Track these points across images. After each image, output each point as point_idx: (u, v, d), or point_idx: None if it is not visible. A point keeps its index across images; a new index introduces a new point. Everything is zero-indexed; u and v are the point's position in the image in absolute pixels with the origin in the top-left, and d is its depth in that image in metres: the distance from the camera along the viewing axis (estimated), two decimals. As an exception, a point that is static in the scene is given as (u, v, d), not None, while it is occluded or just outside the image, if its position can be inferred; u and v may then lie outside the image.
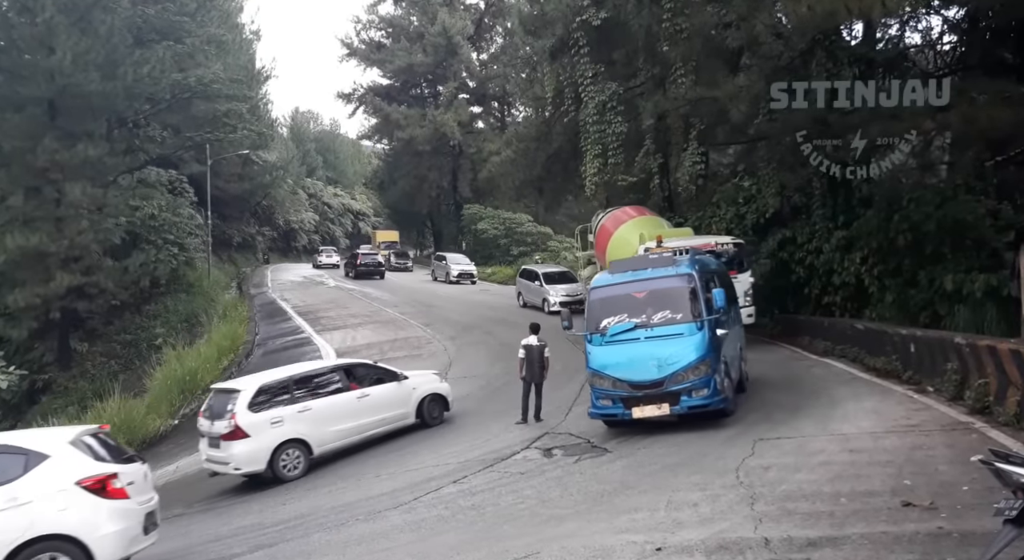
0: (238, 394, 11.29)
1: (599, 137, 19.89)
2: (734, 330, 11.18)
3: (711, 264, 11.83)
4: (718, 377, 9.50)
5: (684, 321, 9.62)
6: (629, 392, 9.60)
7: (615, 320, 9.86)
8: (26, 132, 24.56)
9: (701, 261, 11.14)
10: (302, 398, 11.48)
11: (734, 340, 10.99)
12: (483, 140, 52.03)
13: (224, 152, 40.09)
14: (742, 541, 5.37)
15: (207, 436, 11.56)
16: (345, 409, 11.69)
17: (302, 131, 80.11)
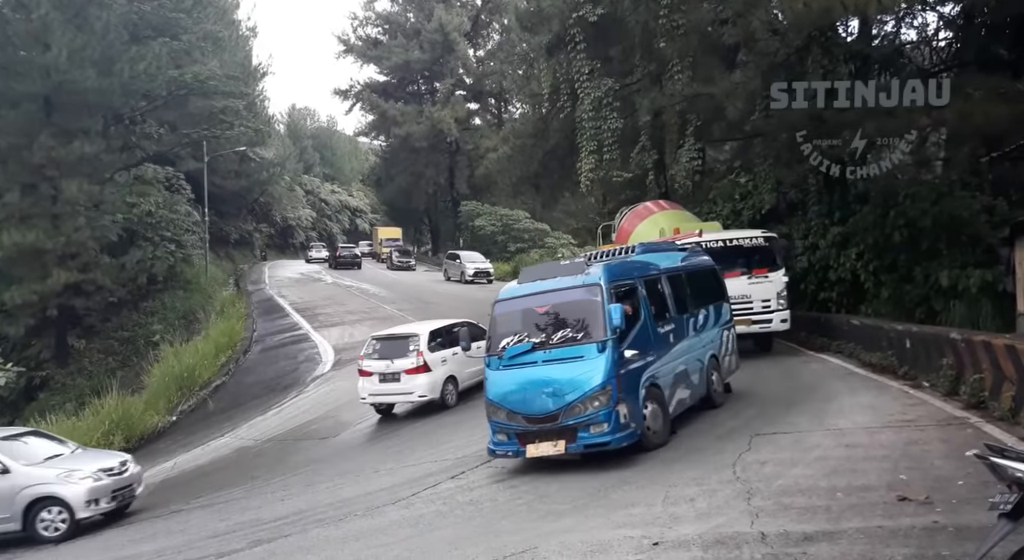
0: (417, 337, 13.80)
1: (595, 133, 19.89)
2: (690, 342, 9.65)
3: (657, 267, 9.74)
4: (623, 409, 7.98)
5: (586, 341, 8.14)
6: (524, 426, 8.28)
7: (514, 340, 8.47)
8: (22, 129, 24.51)
9: (628, 267, 9.35)
10: (448, 345, 13.79)
11: (682, 354, 9.37)
12: (480, 137, 52.02)
13: (221, 149, 40.02)
14: (739, 536, 5.40)
15: (381, 374, 13.67)
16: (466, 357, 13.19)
17: (299, 128, 79.97)
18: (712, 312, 10.66)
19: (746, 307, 13.43)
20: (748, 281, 13.63)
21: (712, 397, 10.09)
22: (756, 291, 13.68)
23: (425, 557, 6.15)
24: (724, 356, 10.77)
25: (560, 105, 23.07)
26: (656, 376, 8.65)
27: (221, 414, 19.81)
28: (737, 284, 13.14)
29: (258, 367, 24.02)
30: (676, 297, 9.61)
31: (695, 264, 11.09)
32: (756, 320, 13.64)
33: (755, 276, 13.74)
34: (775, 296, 13.74)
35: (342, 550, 6.93)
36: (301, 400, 18.90)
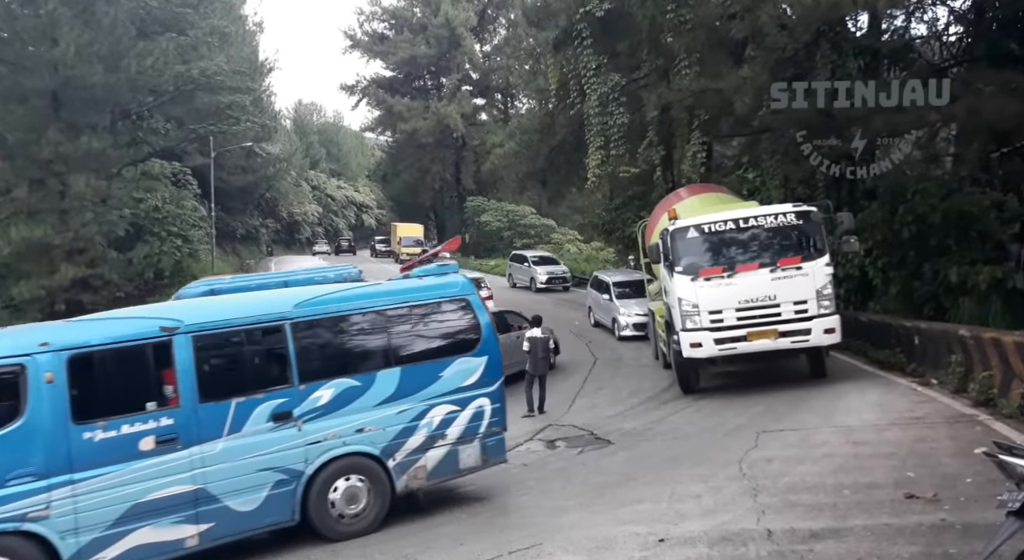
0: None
1: (602, 129, 19.82)
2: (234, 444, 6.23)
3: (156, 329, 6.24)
4: None
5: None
6: None
7: None
8: (30, 124, 24.57)
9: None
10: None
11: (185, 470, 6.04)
12: (486, 132, 51.93)
13: (228, 144, 40.08)
14: (745, 533, 5.38)
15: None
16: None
17: (305, 123, 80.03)
18: (369, 384, 6.83)
19: (770, 313, 10.43)
20: (772, 276, 10.50)
21: (321, 525, 6.63)
22: (784, 289, 10.45)
23: (431, 552, 6.15)
24: (422, 449, 7.01)
25: (567, 101, 23.00)
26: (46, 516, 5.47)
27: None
28: (755, 281, 10.55)
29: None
30: (208, 372, 6.32)
31: (330, 307, 6.92)
32: (785, 331, 10.33)
33: (782, 268, 10.53)
34: (815, 296, 10.39)
35: (348, 545, 6.93)
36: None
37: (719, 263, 10.89)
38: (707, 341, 10.61)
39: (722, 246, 11.06)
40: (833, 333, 10.53)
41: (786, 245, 10.93)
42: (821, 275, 10.61)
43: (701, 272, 10.82)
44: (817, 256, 10.71)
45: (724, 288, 10.70)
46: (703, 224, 11.12)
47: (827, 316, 10.51)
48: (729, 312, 10.63)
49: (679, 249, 11.12)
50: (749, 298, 10.58)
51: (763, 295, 10.57)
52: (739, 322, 10.59)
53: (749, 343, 10.50)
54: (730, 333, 10.58)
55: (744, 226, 11.05)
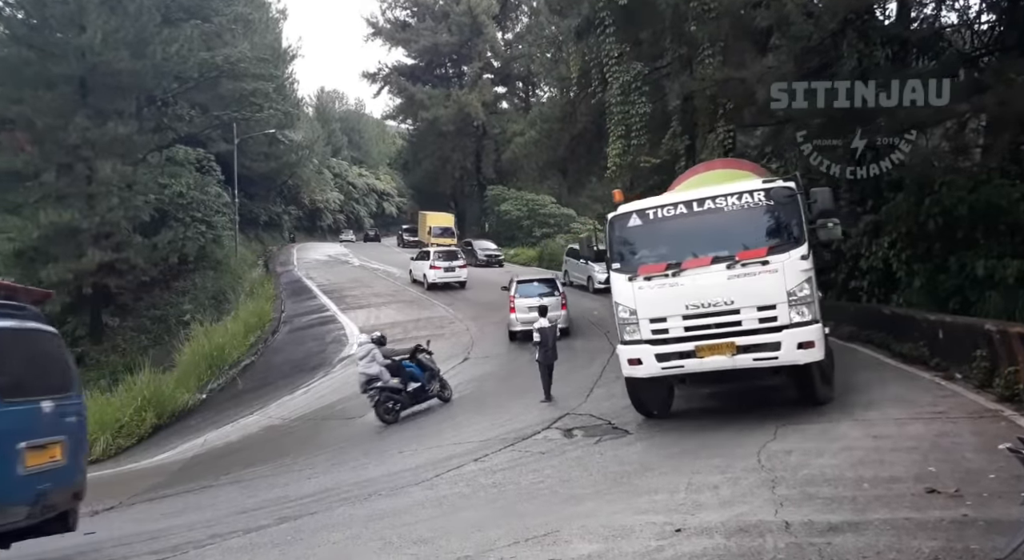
0: None
1: (623, 118, 19.69)
2: None
3: None
4: None
5: None
6: None
7: None
8: (58, 110, 24.96)
9: None
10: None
11: None
12: (507, 121, 51.85)
13: (251, 131, 40.42)
14: (762, 524, 5.37)
15: None
16: None
17: (327, 111, 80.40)
18: None
19: (725, 322, 8.30)
20: (729, 274, 8.29)
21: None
22: (745, 291, 8.22)
23: (448, 537, 6.21)
24: None
25: (588, 89, 22.85)
26: None
27: (250, 393, 20.17)
28: (707, 280, 8.36)
29: (286, 347, 24.39)
30: None
31: None
32: (746, 346, 8.20)
33: (741, 264, 8.25)
34: (786, 299, 8.09)
35: (366, 528, 7.02)
36: (328, 380, 19.17)
37: (664, 258, 8.70)
38: (647, 357, 8.50)
39: (671, 236, 8.85)
40: (811, 348, 8.04)
41: (751, 233, 8.47)
42: (794, 272, 8.12)
43: (640, 270, 8.68)
44: (789, 247, 8.22)
45: (668, 290, 8.49)
46: (647, 209, 8.90)
47: (803, 326, 8.07)
48: (675, 320, 8.44)
49: (617, 241, 9.08)
50: (699, 302, 8.34)
51: (717, 298, 8.30)
52: (686, 333, 8.40)
53: (700, 360, 8.29)
54: (675, 347, 8.42)
55: (699, 210, 8.63)
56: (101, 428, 18.57)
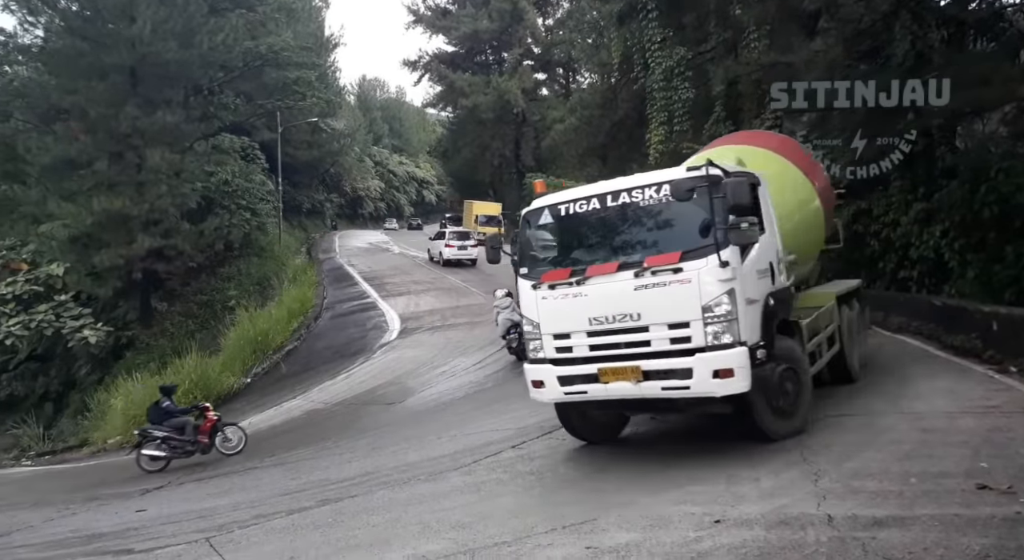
0: None
1: (666, 104, 19.48)
2: None
3: None
4: None
5: None
6: None
7: None
8: (110, 99, 25.61)
9: None
10: None
11: None
12: (547, 107, 51.55)
13: (294, 120, 40.98)
14: (804, 517, 5.28)
15: None
16: None
17: (369, 99, 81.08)
18: None
19: (631, 341, 6.92)
20: (636, 283, 6.85)
21: None
22: (653, 304, 6.78)
23: (486, 523, 6.25)
24: None
25: (630, 75, 22.64)
26: None
27: (293, 377, 20.57)
28: (611, 290, 6.97)
29: (328, 333, 24.79)
30: None
31: None
32: (652, 371, 6.81)
33: (650, 271, 6.79)
34: (699, 315, 6.63)
35: (406, 512, 7.12)
36: (369, 366, 19.44)
37: (572, 262, 7.43)
38: (550, 379, 7.33)
39: (581, 237, 7.61)
40: (729, 378, 6.54)
41: (667, 234, 7.01)
42: (711, 283, 6.61)
43: (544, 277, 7.40)
44: (707, 251, 6.65)
45: (571, 301, 7.18)
46: (559, 204, 7.59)
47: (720, 349, 6.58)
48: (579, 337, 7.17)
49: (525, 241, 7.85)
50: (604, 316, 6.99)
51: (622, 311, 6.90)
52: (591, 353, 7.13)
53: (604, 386, 7.01)
54: (579, 369, 7.17)
55: (612, 205, 7.22)
56: (151, 409, 19.16)
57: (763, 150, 9.79)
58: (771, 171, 8.97)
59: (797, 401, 7.45)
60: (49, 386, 28.35)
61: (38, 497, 12.57)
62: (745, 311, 6.70)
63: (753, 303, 6.88)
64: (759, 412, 7.16)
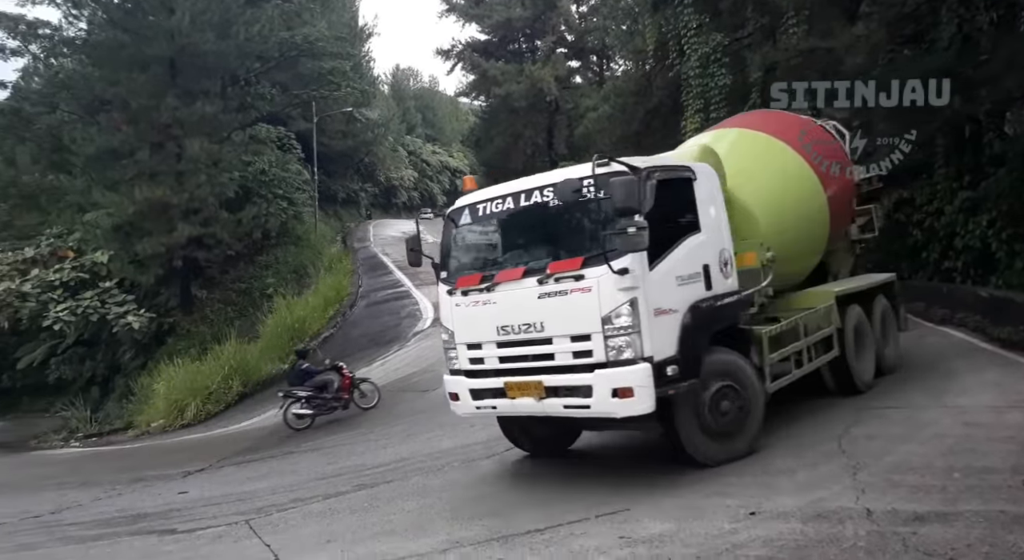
0: None
1: (702, 91, 19.16)
2: None
3: None
4: None
5: None
6: None
7: None
8: (151, 90, 26.06)
9: None
10: None
11: None
12: (580, 95, 51.13)
13: (329, 109, 41.30)
14: (842, 510, 5.21)
15: None
16: None
17: (402, 89, 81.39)
18: None
19: (535, 353, 6.52)
20: (539, 290, 6.40)
21: None
22: (556, 313, 6.33)
23: (519, 510, 6.29)
24: None
25: (665, 62, 22.32)
26: None
27: (328, 364, 20.84)
28: (517, 297, 6.55)
29: (363, 321, 25.08)
30: None
31: None
32: (555, 386, 6.41)
33: (554, 277, 6.32)
34: (599, 327, 6.09)
35: (440, 498, 7.20)
36: (403, 354, 19.62)
37: (485, 266, 7.12)
38: (464, 392, 7.06)
39: (495, 238, 7.27)
40: (629, 398, 6.00)
41: (574, 237, 6.48)
42: (611, 291, 6.04)
43: (458, 282, 7.09)
44: (610, 257, 6.03)
45: (482, 308, 6.78)
46: (479, 202, 7.10)
47: (621, 366, 6.04)
48: (489, 347, 6.79)
49: (446, 243, 7.43)
50: (510, 325, 6.59)
51: (527, 321, 6.48)
52: (500, 365, 6.76)
53: (512, 401, 6.67)
54: (489, 382, 6.83)
55: (525, 205, 6.64)
56: (192, 394, 19.62)
57: (760, 134, 9.28)
58: (758, 156, 8.79)
59: (740, 421, 6.76)
60: (95, 370, 29.19)
61: (86, 477, 12.98)
62: (652, 323, 6.09)
63: (667, 314, 6.25)
64: (686, 434, 6.58)
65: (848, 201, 9.93)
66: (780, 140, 9.08)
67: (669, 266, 6.43)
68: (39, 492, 11.71)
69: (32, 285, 25.41)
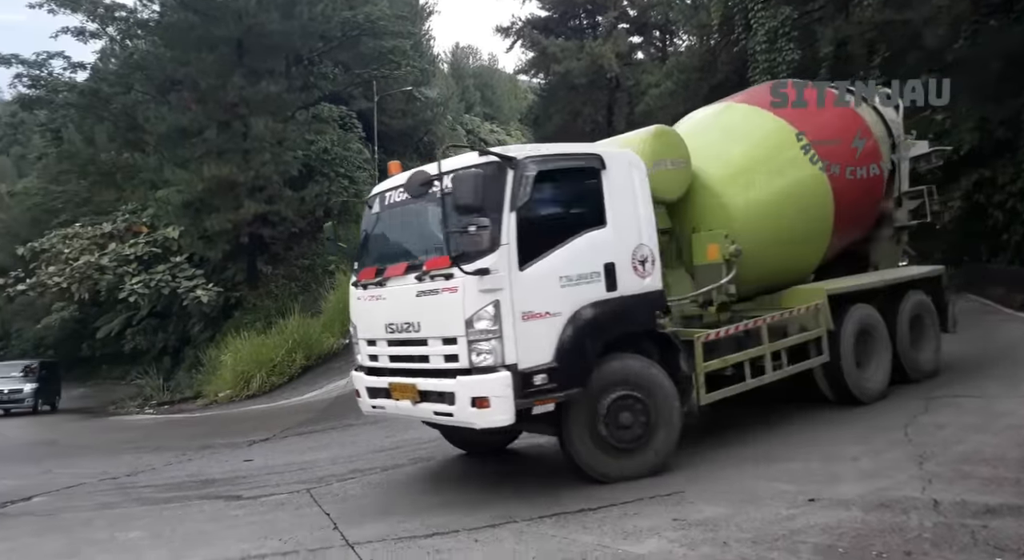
0: None
1: (768, 67, 18.51)
2: None
3: None
4: None
5: None
6: None
7: None
8: (218, 70, 26.75)
9: None
10: None
11: None
12: (641, 72, 50.08)
13: (389, 89, 41.60)
14: (907, 500, 5.05)
15: None
16: None
17: (462, 67, 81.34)
18: None
19: (414, 354, 6.28)
20: (417, 288, 6.14)
21: None
22: (430, 313, 6.07)
23: (574, 488, 6.31)
24: None
25: (731, 37, 21.66)
26: None
27: (386, 340, 21.22)
28: (401, 293, 6.34)
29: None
30: None
31: None
32: (427, 391, 6.13)
33: (430, 275, 6.02)
34: (463, 331, 5.72)
35: (496, 474, 7.28)
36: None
37: (383, 259, 6.77)
38: (363, 389, 6.97)
39: (392, 229, 6.93)
40: (485, 408, 5.63)
41: (454, 232, 5.81)
42: (473, 293, 5.67)
43: (360, 274, 6.91)
44: (477, 256, 5.69)
45: (375, 303, 6.64)
46: (387, 190, 6.84)
47: (480, 373, 5.68)
48: (382, 345, 6.64)
49: (362, 232, 7.28)
50: (394, 322, 6.39)
51: (407, 320, 6.25)
52: (390, 364, 6.60)
53: (395, 403, 6.49)
54: (380, 380, 6.68)
55: (416, 195, 6.19)
56: (257, 366, 20.32)
57: (756, 110, 8.49)
58: (747, 136, 8.11)
59: (645, 436, 6.21)
60: (167, 341, 30.50)
61: (159, 443, 13.62)
62: (519, 328, 5.65)
63: (541, 318, 5.76)
64: (576, 447, 6.14)
65: (869, 186, 8.70)
66: (780, 117, 8.23)
67: (550, 266, 5.90)
68: (117, 455, 12.35)
69: (109, 259, 26.55)
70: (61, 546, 6.40)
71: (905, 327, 8.51)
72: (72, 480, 9.92)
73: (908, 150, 9.42)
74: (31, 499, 8.77)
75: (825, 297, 7.66)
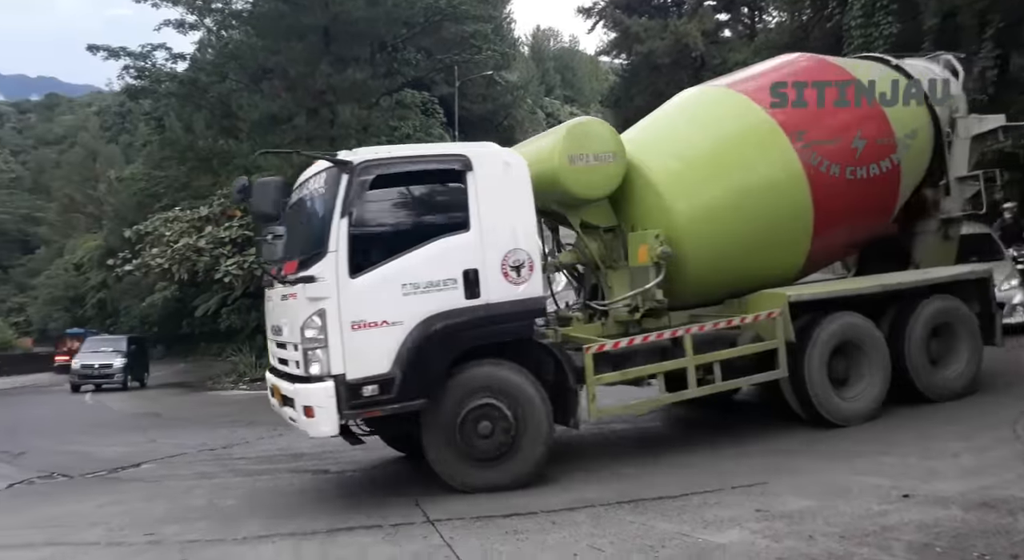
0: None
1: (865, 42, 17.57)
2: None
3: None
4: None
5: None
6: None
7: None
8: (307, 59, 27.58)
9: None
10: None
11: None
12: (728, 50, 48.34)
13: (470, 73, 41.86)
14: (1012, 501, 4.75)
15: None
16: None
17: (542, 50, 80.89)
18: None
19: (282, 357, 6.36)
20: (283, 291, 6.11)
21: None
22: (289, 317, 6.06)
23: (652, 474, 6.27)
24: None
25: (824, 11, 20.69)
26: None
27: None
28: (276, 297, 6.45)
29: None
30: None
31: None
32: (286, 396, 6.15)
33: (288, 278, 5.95)
34: (299, 337, 5.69)
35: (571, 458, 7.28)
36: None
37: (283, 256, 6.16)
38: (269, 387, 6.92)
39: (291, 228, 6.20)
40: (311, 419, 5.64)
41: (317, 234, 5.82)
42: (303, 299, 5.67)
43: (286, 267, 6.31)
44: (313, 261, 5.69)
45: (268, 302, 6.80)
46: (299, 183, 6.71)
47: (312, 381, 5.65)
48: (272, 344, 6.81)
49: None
50: (273, 323, 6.58)
51: (276, 322, 6.45)
52: (276, 363, 6.63)
53: (275, 403, 6.59)
54: (270, 378, 6.77)
55: (299, 194, 6.42)
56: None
57: (737, 95, 7.60)
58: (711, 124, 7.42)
59: (510, 446, 6.00)
60: (260, 320, 31.89)
61: (252, 417, 14.28)
62: (348, 337, 5.54)
63: (375, 327, 5.60)
64: (433, 455, 5.99)
65: (874, 182, 7.49)
66: (760, 106, 7.29)
67: (389, 273, 5.73)
68: (214, 428, 13.07)
69: (206, 241, 27.89)
70: (166, 511, 6.84)
71: (919, 340, 7.31)
72: (174, 450, 10.62)
73: (968, 129, 8.09)
74: (140, 466, 9.45)
75: (785, 304, 6.74)
